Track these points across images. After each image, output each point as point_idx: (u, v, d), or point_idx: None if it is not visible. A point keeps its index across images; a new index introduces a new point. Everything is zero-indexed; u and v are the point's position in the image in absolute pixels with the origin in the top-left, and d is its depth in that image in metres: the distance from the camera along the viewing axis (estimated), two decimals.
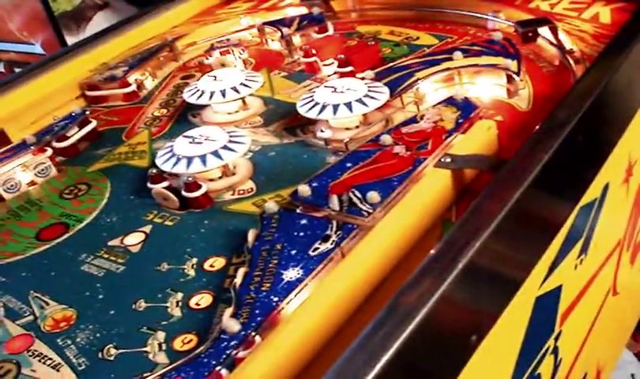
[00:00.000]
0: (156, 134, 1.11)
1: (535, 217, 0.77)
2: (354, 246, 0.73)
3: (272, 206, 0.79)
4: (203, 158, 0.89)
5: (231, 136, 0.92)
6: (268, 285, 0.69)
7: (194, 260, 0.82)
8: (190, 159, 0.89)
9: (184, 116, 1.14)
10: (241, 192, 0.92)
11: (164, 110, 1.17)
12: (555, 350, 0.90)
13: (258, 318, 0.65)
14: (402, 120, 0.94)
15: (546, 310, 0.85)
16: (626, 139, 1.00)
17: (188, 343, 0.71)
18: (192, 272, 0.80)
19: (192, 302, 0.76)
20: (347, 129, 0.98)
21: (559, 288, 0.87)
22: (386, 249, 0.74)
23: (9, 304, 0.82)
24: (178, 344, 0.71)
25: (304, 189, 0.80)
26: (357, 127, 0.97)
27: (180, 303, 0.76)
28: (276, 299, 0.67)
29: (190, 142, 0.92)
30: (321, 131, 0.97)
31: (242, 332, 0.64)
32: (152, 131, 1.13)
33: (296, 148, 1.00)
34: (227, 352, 0.63)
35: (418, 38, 1.24)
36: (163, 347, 0.71)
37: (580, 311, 0.96)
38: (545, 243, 0.79)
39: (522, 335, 0.79)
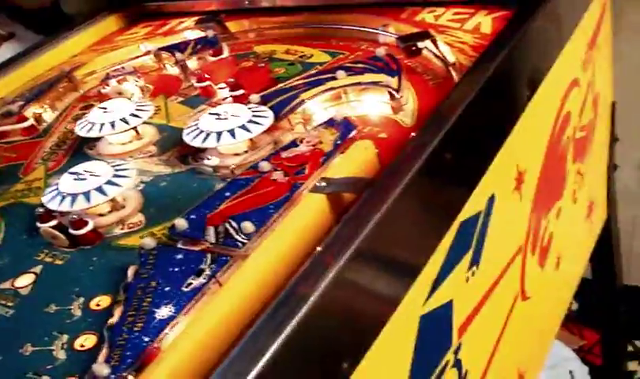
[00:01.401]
0: (52, 169, 1.12)
1: (404, 237, 0.80)
2: (229, 278, 0.75)
3: (149, 242, 0.80)
4: (87, 194, 0.90)
5: (115, 170, 0.93)
6: (140, 325, 0.71)
7: (81, 299, 0.83)
8: (74, 197, 0.91)
9: (80, 149, 1.14)
10: (130, 225, 0.93)
11: (62, 144, 1.18)
12: (458, 363, 0.93)
13: (129, 360, 0.67)
14: (286, 143, 0.96)
15: (437, 326, 0.88)
16: (509, 148, 1.03)
17: None
18: (78, 313, 0.82)
19: (76, 344, 0.77)
20: (235, 154, 0.99)
21: (450, 303, 0.90)
22: (262, 278, 0.76)
23: None
24: None
25: (180, 223, 0.82)
26: (245, 152, 0.99)
27: (65, 345, 0.77)
28: (147, 339, 0.69)
29: (75, 179, 0.93)
30: (208, 158, 0.98)
31: (112, 376, 0.66)
32: (48, 166, 1.13)
33: (187, 176, 1.01)
34: None
35: (312, 55, 1.27)
36: None
37: (482, 321, 1.00)
38: (421, 261, 0.82)
39: (410, 354, 0.82)
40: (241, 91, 1.13)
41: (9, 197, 1.08)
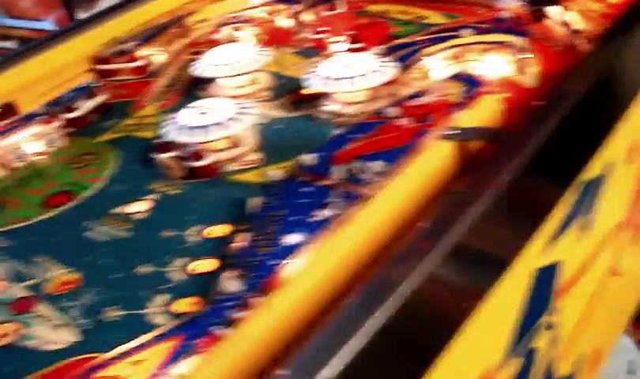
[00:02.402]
0: (164, 108, 1.12)
1: (533, 189, 0.77)
2: (354, 214, 0.73)
3: (275, 174, 0.79)
4: (209, 128, 0.90)
5: (238, 108, 0.92)
6: (267, 249, 0.69)
7: (198, 227, 0.82)
8: (195, 129, 0.90)
9: (191, 91, 1.14)
10: (246, 163, 0.92)
11: (172, 86, 1.18)
12: (551, 326, 0.90)
13: (256, 280, 0.66)
14: (410, 94, 0.94)
15: (543, 284, 0.85)
16: (629, 119, 1.00)
17: (190, 305, 0.71)
18: (195, 239, 0.81)
19: (194, 267, 0.77)
20: (352, 103, 0.98)
21: (557, 264, 0.87)
22: (386, 219, 0.74)
23: (15, 267, 0.83)
24: (179, 307, 0.72)
25: (308, 158, 0.80)
26: (362, 102, 0.97)
27: (183, 268, 0.77)
28: (274, 262, 0.68)
29: (197, 113, 0.92)
30: (327, 105, 0.97)
31: (241, 294, 0.64)
32: (159, 105, 1.13)
33: (302, 121, 1.00)
34: (225, 313, 0.63)
35: (428, 17, 1.24)
36: (165, 309, 0.72)
37: (576, 289, 0.96)
38: (542, 216, 0.79)
39: (518, 308, 0.79)
40: (360, 44, 1.10)
41: (120, 130, 1.09)
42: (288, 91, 1.09)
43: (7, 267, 0.82)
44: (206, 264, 0.77)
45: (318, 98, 1.01)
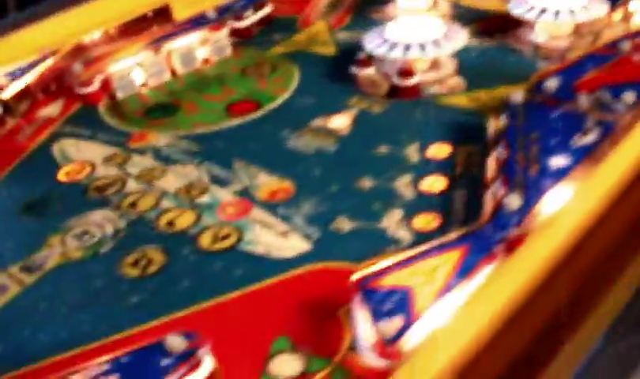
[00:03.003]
0: (335, 26, 1.06)
1: None
2: (616, 142, 0.67)
3: (518, 96, 0.73)
4: (423, 46, 0.84)
5: (447, 30, 0.87)
6: (535, 169, 0.64)
7: (415, 146, 0.77)
8: (408, 46, 0.84)
9: (363, 11, 1.08)
10: (450, 86, 0.86)
11: (338, 4, 1.12)
12: None
13: (533, 198, 0.60)
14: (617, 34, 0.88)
15: None
16: None
17: (430, 223, 0.66)
18: (415, 158, 0.76)
19: (423, 185, 0.71)
20: (556, 36, 0.91)
21: None
22: None
23: (212, 171, 0.78)
24: (418, 223, 0.67)
25: (550, 84, 0.74)
26: (568, 36, 0.91)
27: (410, 185, 0.71)
28: (547, 182, 0.62)
29: (405, 29, 0.87)
30: (533, 36, 0.91)
31: (520, 211, 0.59)
32: (329, 22, 1.07)
33: (498, 50, 0.95)
34: (505, 230, 0.58)
35: None
36: (404, 224, 0.66)
37: None
38: None
39: None
40: None
41: (291, 44, 1.03)
42: (468, 20, 1.02)
43: (205, 171, 0.77)
44: (436, 184, 0.71)
45: (509, 28, 0.95)
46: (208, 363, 0.52)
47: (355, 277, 0.55)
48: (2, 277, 0.67)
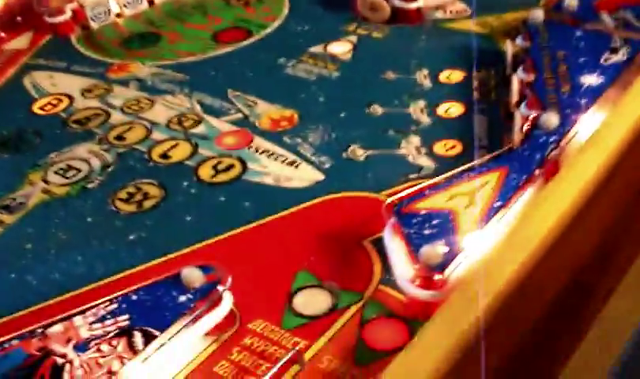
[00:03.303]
0: None
1: None
2: None
3: (538, 15, 0.69)
4: None
5: None
6: (567, 88, 0.59)
7: (425, 71, 0.72)
8: None
9: None
10: (453, 12, 0.81)
11: None
12: None
13: (570, 117, 0.56)
14: None
15: None
16: None
17: (452, 148, 0.61)
18: (427, 82, 0.71)
19: (439, 111, 0.66)
20: None
21: None
22: None
23: (204, 101, 0.71)
24: (439, 149, 0.62)
25: (571, 2, 0.70)
26: None
27: (425, 111, 0.66)
28: (582, 101, 0.58)
29: None
30: None
31: (558, 131, 0.54)
32: None
33: None
34: (544, 150, 0.53)
35: None
36: (423, 151, 0.61)
37: None
38: None
39: None
40: None
41: None
42: None
43: (197, 101, 0.71)
44: (453, 108, 0.66)
45: None
46: (228, 299, 0.47)
47: (388, 201, 0.50)
48: None
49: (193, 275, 0.46)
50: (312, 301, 0.49)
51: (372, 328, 0.46)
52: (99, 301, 0.46)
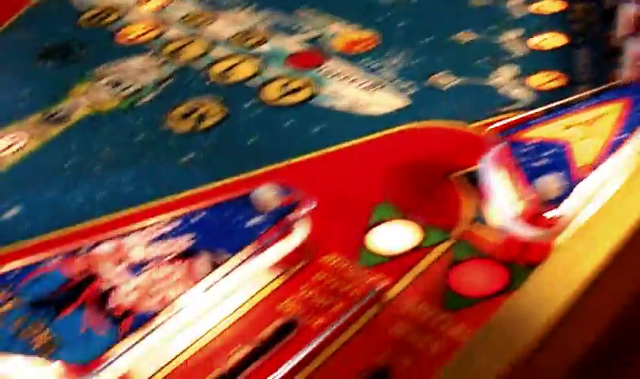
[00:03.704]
0: None
1: None
2: None
3: None
4: None
5: None
6: None
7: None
8: None
9: None
10: None
11: None
12: None
13: None
14: None
15: None
16: None
17: (550, 81, 0.54)
18: (521, 11, 0.63)
19: (536, 41, 0.59)
20: None
21: None
22: None
23: (272, 18, 0.64)
24: (536, 81, 0.54)
25: None
26: None
27: (520, 41, 0.59)
28: None
29: None
30: None
31: None
32: None
33: None
34: None
35: None
36: (519, 82, 0.54)
37: None
38: None
39: None
40: None
41: None
42: None
43: (263, 18, 0.64)
44: (553, 40, 0.58)
45: None
46: (304, 228, 0.40)
47: (491, 127, 0.43)
48: (19, 129, 0.54)
49: (267, 195, 0.40)
50: (394, 236, 0.42)
51: (464, 270, 0.39)
52: (157, 218, 0.40)
